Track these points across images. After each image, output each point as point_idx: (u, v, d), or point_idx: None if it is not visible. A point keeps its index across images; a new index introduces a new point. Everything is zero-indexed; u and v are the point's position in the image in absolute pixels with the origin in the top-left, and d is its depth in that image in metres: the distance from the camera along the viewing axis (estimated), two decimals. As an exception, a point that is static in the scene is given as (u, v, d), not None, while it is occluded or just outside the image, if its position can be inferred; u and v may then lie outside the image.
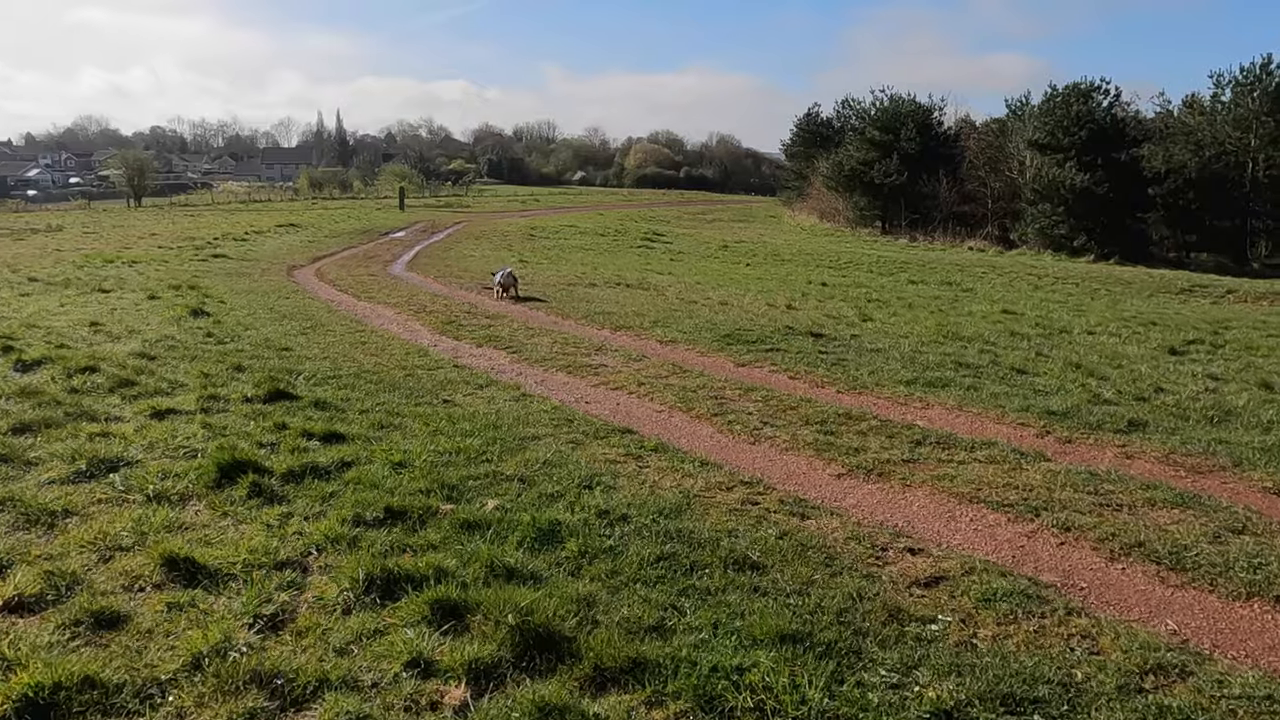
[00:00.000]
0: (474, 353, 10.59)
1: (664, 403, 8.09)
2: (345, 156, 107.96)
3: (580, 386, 8.82)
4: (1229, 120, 39.15)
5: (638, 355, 10.50)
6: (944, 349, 11.66)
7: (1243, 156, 38.79)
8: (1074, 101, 40.99)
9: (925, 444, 6.87)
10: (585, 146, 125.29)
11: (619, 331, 12.52)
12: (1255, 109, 38.23)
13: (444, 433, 6.74)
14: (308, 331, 11.46)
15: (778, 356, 10.54)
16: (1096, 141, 40.04)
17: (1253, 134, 38.34)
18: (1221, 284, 29.78)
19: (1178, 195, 39.21)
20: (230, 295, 15.01)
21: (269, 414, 7.17)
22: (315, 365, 9.23)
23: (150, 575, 4.37)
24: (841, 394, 8.78)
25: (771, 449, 6.75)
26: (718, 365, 10.17)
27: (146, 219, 47.16)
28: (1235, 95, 39.39)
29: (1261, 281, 30.76)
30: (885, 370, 9.79)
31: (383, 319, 13.22)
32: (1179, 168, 39.14)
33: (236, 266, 21.59)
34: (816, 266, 30.39)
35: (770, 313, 15.18)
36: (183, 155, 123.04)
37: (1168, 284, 29.65)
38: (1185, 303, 25.97)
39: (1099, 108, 40.79)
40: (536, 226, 41.04)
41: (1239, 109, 38.96)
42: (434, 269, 22.63)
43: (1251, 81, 38.80)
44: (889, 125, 46.87)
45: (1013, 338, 13.83)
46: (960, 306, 19.22)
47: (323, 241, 31.89)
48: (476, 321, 13.05)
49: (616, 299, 16.39)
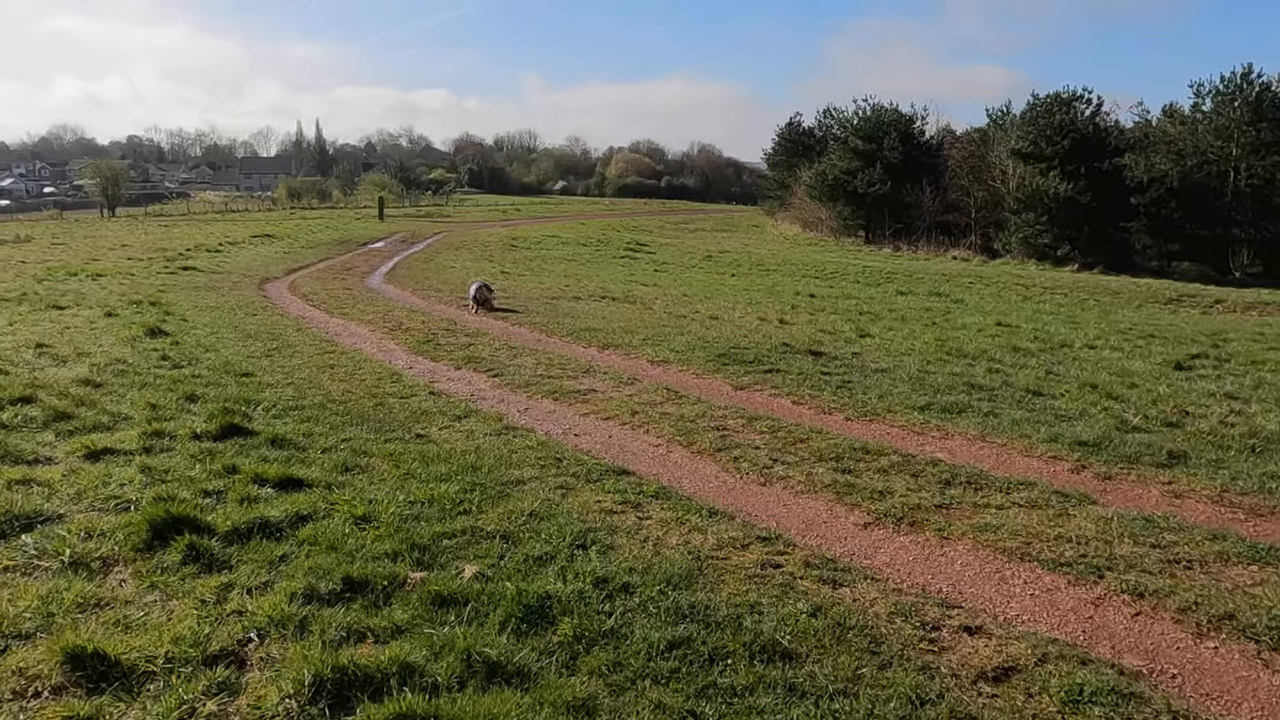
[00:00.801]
0: (453, 376, 9.76)
1: (661, 435, 7.30)
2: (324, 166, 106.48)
3: (568, 416, 8.02)
4: (1210, 130, 38.96)
5: (629, 378, 9.71)
6: (950, 368, 10.97)
7: (1224, 166, 38.60)
8: (1056, 110, 40.67)
9: (955, 484, 6.12)
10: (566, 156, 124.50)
11: (607, 350, 11.73)
12: (1236, 118, 38.06)
13: (416, 476, 5.92)
14: (273, 353, 10.57)
15: (778, 378, 9.79)
16: (1079, 150, 39.72)
17: (1234, 143, 38.16)
18: (1208, 294, 29.41)
19: (1160, 204, 38.95)
20: (194, 312, 14.08)
21: (219, 454, 6.31)
22: (277, 393, 8.37)
23: (49, 676, 3.53)
24: (852, 422, 8.04)
25: (785, 491, 5.98)
26: (715, 389, 9.41)
27: (119, 229, 45.89)
28: (1216, 105, 39.22)
29: (1248, 291, 30.40)
30: (895, 394, 9.06)
31: (355, 338, 12.35)
32: (1160, 177, 38.87)
33: (206, 280, 20.62)
34: (802, 277, 29.77)
35: (763, 328, 14.46)
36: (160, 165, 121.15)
37: (1155, 294, 29.23)
38: (1175, 313, 25.52)
39: (1081, 117, 40.49)
40: (518, 237, 40.20)
41: (1220, 118, 38.77)
42: (412, 281, 21.76)
43: (1232, 91, 38.64)
44: (872, 134, 46.39)
45: (1016, 353, 13.18)
46: (953, 319, 18.60)
47: (299, 253, 30.92)
48: (456, 340, 12.22)
49: (603, 313, 15.62)
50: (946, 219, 43.87)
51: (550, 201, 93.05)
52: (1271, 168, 37.32)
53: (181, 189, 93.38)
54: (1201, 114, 40.24)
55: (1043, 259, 38.93)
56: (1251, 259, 39.62)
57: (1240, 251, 39.76)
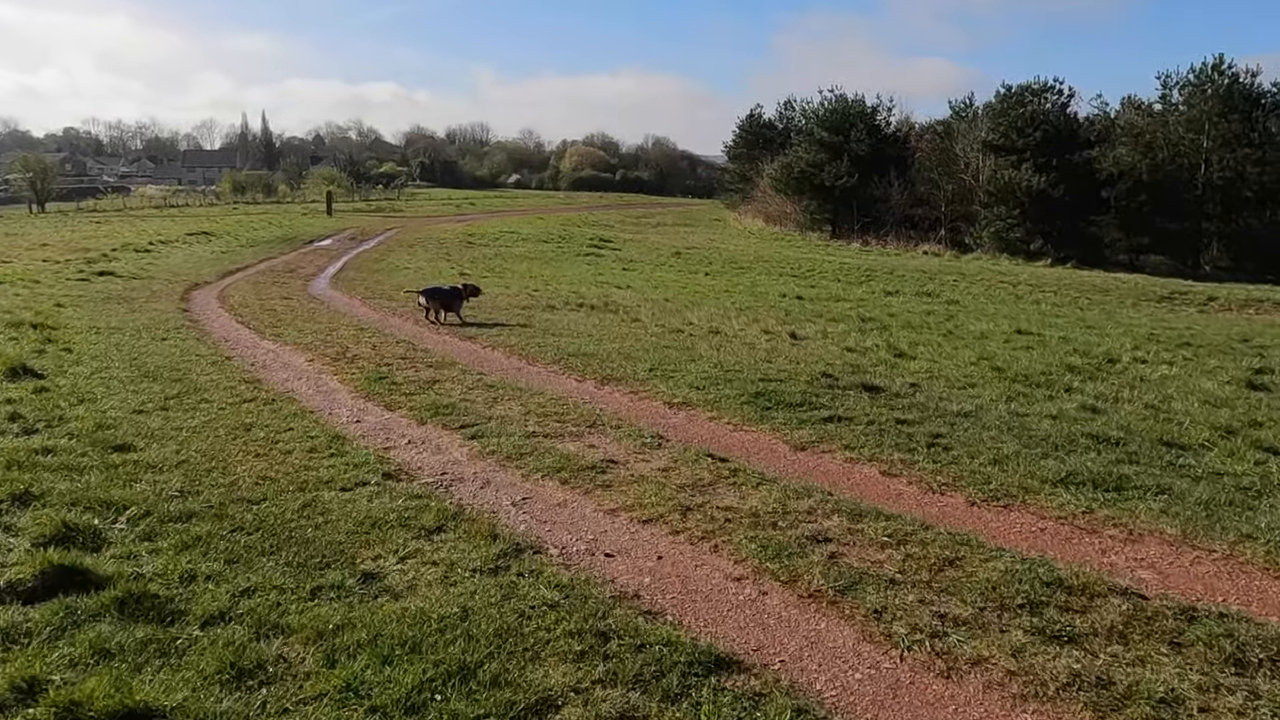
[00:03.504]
0: (415, 437, 7.06)
1: (738, 555, 4.75)
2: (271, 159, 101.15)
3: (589, 514, 5.41)
4: (1181, 122, 37.53)
5: (651, 434, 7.13)
6: (1035, 405, 8.61)
7: (1195, 159, 37.20)
8: (1028, 101, 38.90)
9: (1250, 661, 3.69)
10: (519, 149, 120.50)
11: (608, 385, 9.13)
12: (1208, 110, 36.65)
13: (364, 693, 3.29)
14: (173, 403, 7.73)
15: (845, 431, 7.30)
16: (1051, 143, 38.00)
17: (1205, 135, 36.76)
18: (1197, 291, 27.79)
19: (1130, 197, 37.50)
20: (87, 337, 11.09)
21: (21, 638, 3.61)
22: (159, 483, 5.62)
23: None
24: (981, 508, 5.59)
25: (996, 700, 3.48)
26: (768, 450, 6.88)
27: (45, 227, 41.72)
28: (1188, 97, 37.81)
29: (1235, 287, 28.89)
30: (1009, 456, 6.63)
31: (288, 372, 9.54)
32: (1130, 169, 37.40)
33: (123, 288, 17.48)
34: (780, 275, 27.48)
35: (778, 347, 11.98)
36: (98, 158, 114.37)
37: (1145, 291, 27.52)
38: (1173, 312, 23.76)
39: (1053, 108, 38.76)
40: (475, 233, 37.22)
41: (1192, 110, 37.37)
42: (362, 286, 18.86)
43: (1203, 83, 37.25)
44: (838, 126, 44.16)
45: (1074, 374, 10.93)
46: (963, 326, 16.39)
47: (237, 252, 27.64)
48: (416, 373, 9.50)
49: (587, 329, 13.00)
50: (914, 213, 41.91)
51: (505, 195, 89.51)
52: (1242, 160, 35.99)
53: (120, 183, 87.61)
54: (1170, 106, 38.84)
55: (1015, 253, 37.18)
56: (1220, 252, 38.40)
57: (1210, 245, 38.51)
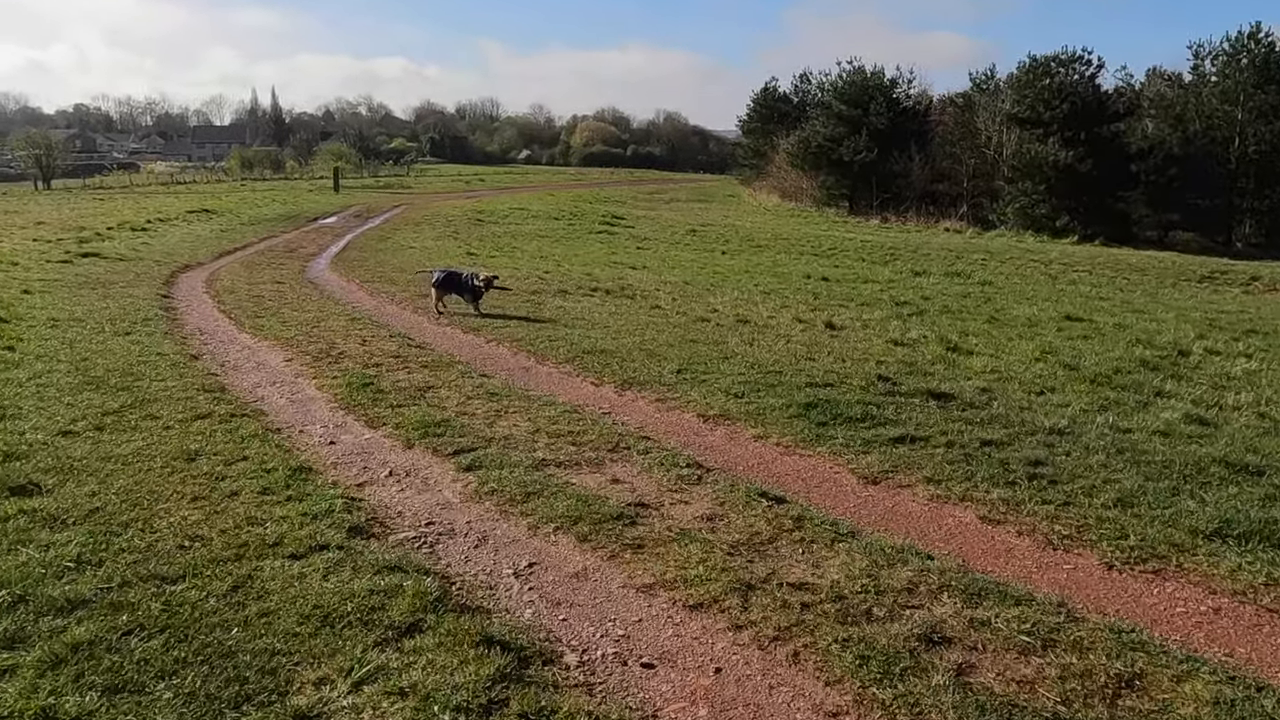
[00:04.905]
0: (397, 467, 5.70)
1: (828, 674, 3.38)
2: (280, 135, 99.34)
3: (614, 592, 4.05)
4: (1215, 94, 35.58)
5: (687, 462, 5.75)
6: (1131, 415, 7.19)
7: (1228, 132, 35.28)
8: (1054, 72, 36.96)
9: None
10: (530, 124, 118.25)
11: (629, 390, 7.75)
12: (1243, 81, 34.68)
13: None
14: (109, 422, 6.37)
15: (920, 455, 5.92)
16: (1078, 116, 36.11)
17: (1240, 107, 34.81)
18: (1237, 269, 26.18)
19: (1160, 172, 35.65)
20: (39, 332, 9.75)
21: None
22: (53, 549, 4.25)
23: None
24: (1121, 572, 4.22)
25: None
26: (835, 484, 5.50)
27: (47, 204, 40.47)
28: (1221, 67, 35.82)
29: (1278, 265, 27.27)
30: (1135, 495, 5.23)
31: (260, 375, 8.19)
32: (1160, 143, 35.54)
33: (104, 271, 16.15)
34: (800, 254, 25.96)
35: (815, 339, 10.57)
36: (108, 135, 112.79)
37: (1183, 270, 25.88)
38: (1217, 293, 22.20)
39: (1081, 79, 36.81)
40: (484, 210, 35.71)
41: (1226, 81, 35.40)
42: (362, 269, 17.47)
43: (1238, 52, 35.25)
44: (856, 99, 42.29)
45: (1151, 372, 9.52)
46: (1005, 311, 14.91)
47: (237, 231, 26.25)
48: (408, 375, 8.14)
49: (603, 318, 11.60)
50: (935, 189, 40.15)
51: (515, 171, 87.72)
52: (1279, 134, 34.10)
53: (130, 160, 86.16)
54: (1202, 77, 36.87)
55: (1040, 230, 35.46)
56: (1254, 229, 36.57)
57: (1242, 222, 36.67)
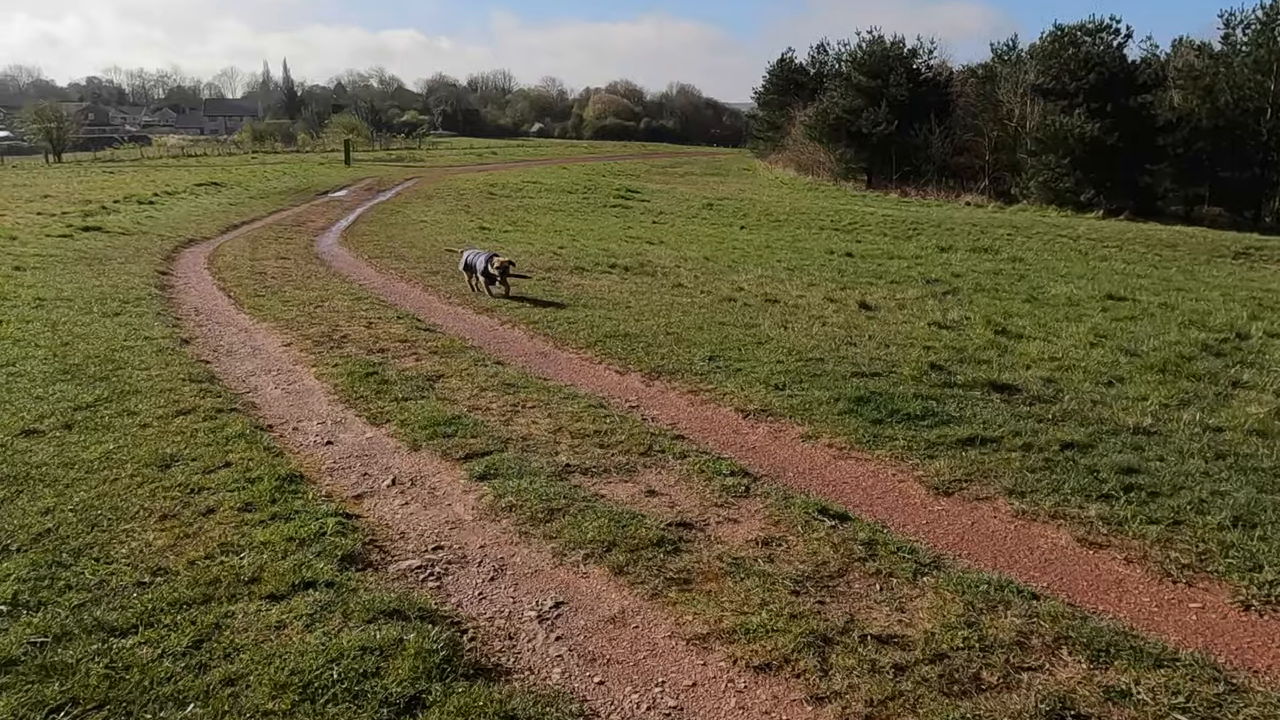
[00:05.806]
0: (402, 474, 5.02)
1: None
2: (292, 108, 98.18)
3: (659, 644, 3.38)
4: (1247, 64, 34.19)
5: (731, 469, 5.05)
6: (1216, 411, 6.45)
7: (1261, 104, 33.94)
8: (1080, 42, 35.61)
9: None
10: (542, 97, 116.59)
11: (659, 380, 7.04)
12: (1277, 50, 33.29)
13: None
14: (80, 418, 5.70)
15: (994, 459, 5.20)
16: (1105, 87, 34.82)
17: (1273, 78, 33.45)
18: (1272, 245, 25.10)
19: (1188, 145, 34.41)
20: (23, 313, 9.08)
21: None
22: None
23: None
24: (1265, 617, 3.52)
25: None
26: (902, 496, 4.80)
27: (56, 177, 39.80)
28: (1254, 37, 34.40)
29: (1316, 241, 26.15)
30: (1255, 512, 4.53)
31: (256, 363, 7.51)
32: (1189, 115, 34.26)
33: (104, 246, 15.49)
34: (821, 229, 25.08)
35: (852, 321, 9.82)
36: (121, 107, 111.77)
37: (1216, 246, 24.85)
38: (1254, 269, 21.22)
39: (1109, 49, 35.46)
40: (496, 183, 34.86)
41: (1259, 51, 34.00)
42: (371, 244, 16.76)
43: (1272, 21, 33.81)
44: (876, 70, 41.00)
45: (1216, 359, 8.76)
46: (1043, 290, 14.10)
47: (245, 205, 25.55)
48: (416, 362, 7.45)
49: (624, 297, 10.87)
50: (956, 162, 38.98)
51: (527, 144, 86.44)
52: (1313, 105, 32.82)
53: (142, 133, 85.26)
54: (1234, 47, 35.45)
55: (1064, 204, 34.36)
56: (1283, 204, 35.36)
57: (1273, 196, 35.43)
